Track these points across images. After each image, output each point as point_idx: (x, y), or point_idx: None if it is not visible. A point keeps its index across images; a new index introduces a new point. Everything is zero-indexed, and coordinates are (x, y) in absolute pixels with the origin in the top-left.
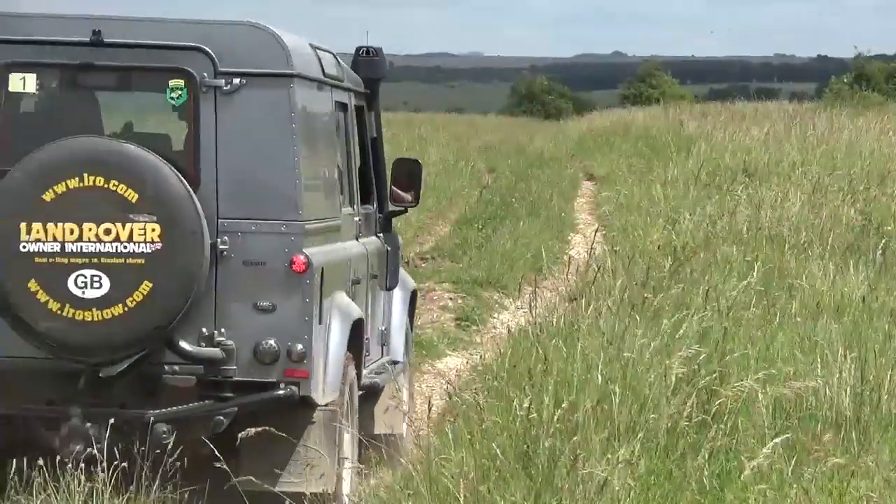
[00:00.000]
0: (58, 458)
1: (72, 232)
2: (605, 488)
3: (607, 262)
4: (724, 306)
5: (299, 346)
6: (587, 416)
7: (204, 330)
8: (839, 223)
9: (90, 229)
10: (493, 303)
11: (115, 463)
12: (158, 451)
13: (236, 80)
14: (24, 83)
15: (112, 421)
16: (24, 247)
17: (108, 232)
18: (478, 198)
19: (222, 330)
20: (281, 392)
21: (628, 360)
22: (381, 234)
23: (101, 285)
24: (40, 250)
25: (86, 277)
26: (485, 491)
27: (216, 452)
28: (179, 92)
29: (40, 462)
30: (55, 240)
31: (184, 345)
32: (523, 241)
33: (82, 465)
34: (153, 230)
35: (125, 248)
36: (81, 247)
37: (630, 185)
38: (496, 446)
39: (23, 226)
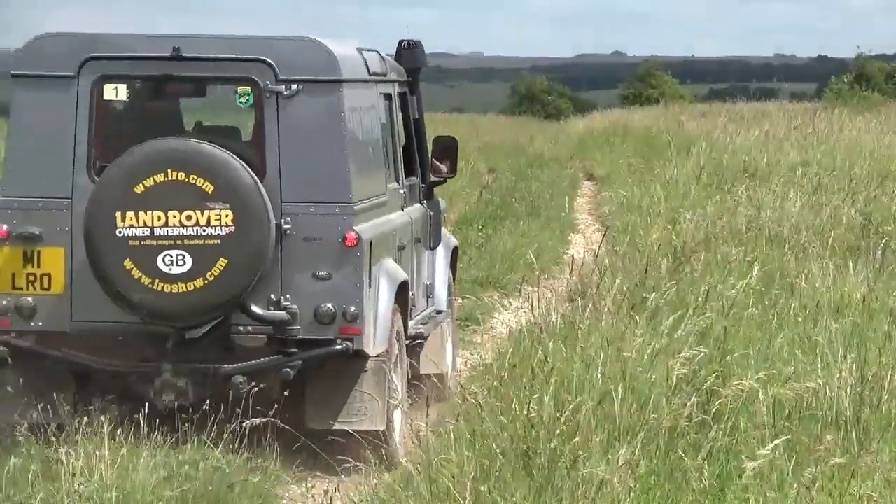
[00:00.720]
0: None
1: (159, 218)
2: (605, 489)
3: (607, 261)
4: (724, 306)
5: (352, 308)
6: (587, 416)
7: (272, 296)
8: (839, 223)
9: (174, 216)
10: (494, 303)
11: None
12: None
13: (294, 86)
14: (116, 92)
15: (197, 374)
16: (120, 232)
17: (189, 218)
18: (478, 198)
19: (287, 296)
20: (338, 347)
21: (628, 360)
22: (424, 202)
23: (184, 263)
24: (133, 234)
25: (172, 256)
26: (485, 491)
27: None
28: (247, 97)
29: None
30: (145, 225)
31: (255, 309)
32: (523, 241)
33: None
34: (227, 215)
35: (204, 231)
36: (167, 231)
37: (630, 185)
38: (496, 446)
39: (118, 214)
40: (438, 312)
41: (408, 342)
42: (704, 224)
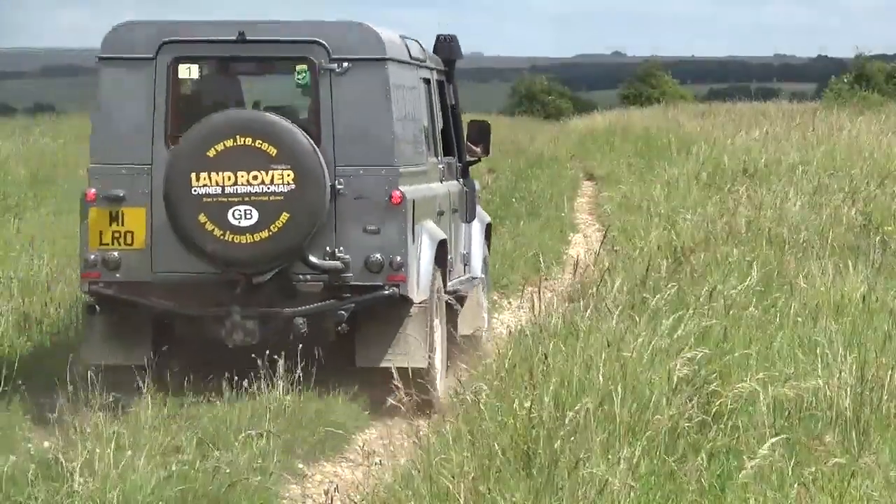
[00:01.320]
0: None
1: (229, 178)
2: (605, 489)
3: (607, 261)
4: (724, 306)
5: (398, 258)
6: (588, 416)
7: (328, 248)
8: (839, 223)
9: (242, 176)
10: (493, 303)
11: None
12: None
13: (345, 64)
14: (189, 71)
15: (263, 317)
16: (195, 191)
17: (255, 178)
18: None
19: (341, 247)
20: (386, 292)
21: (628, 361)
22: (460, 179)
23: (251, 217)
24: (207, 192)
25: (240, 211)
26: (485, 491)
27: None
28: (304, 74)
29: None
30: (217, 185)
31: (313, 259)
32: (523, 240)
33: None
34: (288, 175)
35: (268, 188)
36: (236, 189)
37: (630, 185)
38: (496, 446)
39: (193, 175)
40: (474, 279)
41: (446, 299)
42: (704, 224)
